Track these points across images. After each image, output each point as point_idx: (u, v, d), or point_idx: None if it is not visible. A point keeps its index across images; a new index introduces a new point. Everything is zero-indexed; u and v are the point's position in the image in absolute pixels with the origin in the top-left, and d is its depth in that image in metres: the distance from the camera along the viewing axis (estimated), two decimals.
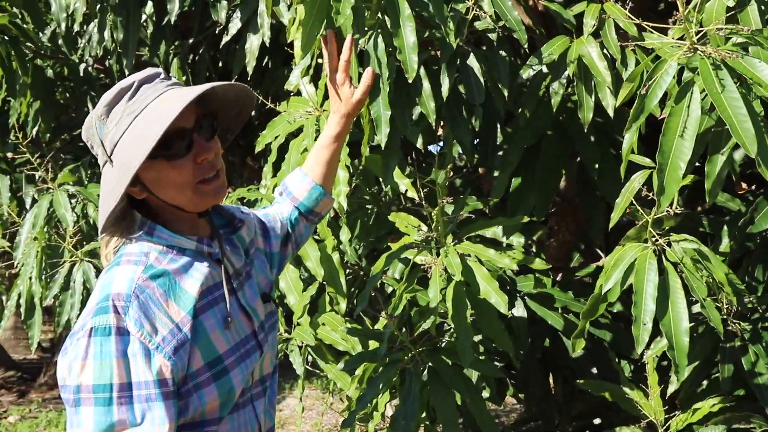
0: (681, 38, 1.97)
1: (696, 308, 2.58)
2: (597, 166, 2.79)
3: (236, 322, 1.56)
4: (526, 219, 2.83)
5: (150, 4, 4.02)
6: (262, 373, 1.66)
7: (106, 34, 3.95)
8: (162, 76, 1.51)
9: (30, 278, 3.73)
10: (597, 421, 3.37)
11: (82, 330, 1.36)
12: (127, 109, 1.45)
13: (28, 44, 4.06)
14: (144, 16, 4.03)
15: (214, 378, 1.46)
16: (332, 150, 1.99)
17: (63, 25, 4.01)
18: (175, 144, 1.45)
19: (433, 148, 3.31)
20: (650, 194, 2.12)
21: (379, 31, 2.28)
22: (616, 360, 3.00)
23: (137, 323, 1.36)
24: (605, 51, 2.40)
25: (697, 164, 2.18)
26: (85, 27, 4.21)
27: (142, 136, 1.41)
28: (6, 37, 3.78)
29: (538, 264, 2.83)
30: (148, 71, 1.51)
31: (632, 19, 2.28)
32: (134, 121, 1.44)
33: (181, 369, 1.41)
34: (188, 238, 1.52)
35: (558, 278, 3.26)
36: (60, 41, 4.39)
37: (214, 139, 1.53)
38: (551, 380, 3.40)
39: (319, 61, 2.76)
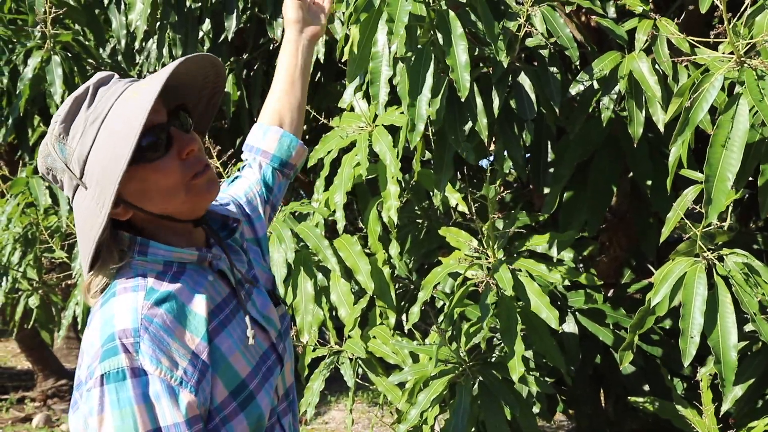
0: (731, 53, 1.96)
1: (752, 326, 2.54)
2: (650, 182, 2.78)
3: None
4: (577, 234, 2.82)
5: (208, 21, 4.10)
6: (286, 386, 1.49)
7: (165, 50, 4.04)
8: (117, 77, 1.32)
9: None
10: None
11: (91, 379, 1.18)
12: (89, 118, 1.25)
13: (89, 60, 4.16)
14: (201, 33, 4.11)
15: (241, 407, 1.29)
16: (299, 88, 1.74)
17: (123, 42, 4.11)
18: (153, 143, 1.27)
19: (483, 163, 3.32)
20: (699, 207, 2.09)
21: (431, 48, 2.30)
22: (669, 377, 2.97)
23: (153, 359, 1.18)
24: (656, 66, 2.39)
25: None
26: (144, 44, 4.31)
27: (114, 142, 1.22)
28: (69, 54, 3.89)
29: (589, 279, 2.82)
30: (101, 74, 1.32)
31: (684, 36, 2.27)
32: (101, 129, 1.24)
33: (203, 403, 1.23)
34: (188, 250, 1.33)
35: (609, 294, 3.24)
36: (119, 57, 4.49)
37: (193, 132, 1.35)
38: (602, 397, 3.38)
39: None
